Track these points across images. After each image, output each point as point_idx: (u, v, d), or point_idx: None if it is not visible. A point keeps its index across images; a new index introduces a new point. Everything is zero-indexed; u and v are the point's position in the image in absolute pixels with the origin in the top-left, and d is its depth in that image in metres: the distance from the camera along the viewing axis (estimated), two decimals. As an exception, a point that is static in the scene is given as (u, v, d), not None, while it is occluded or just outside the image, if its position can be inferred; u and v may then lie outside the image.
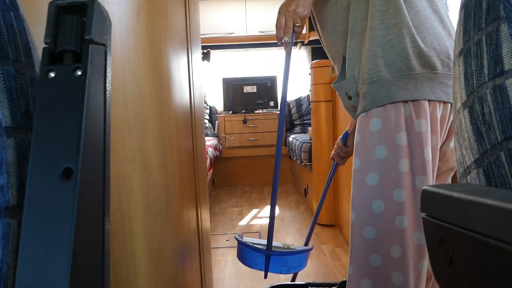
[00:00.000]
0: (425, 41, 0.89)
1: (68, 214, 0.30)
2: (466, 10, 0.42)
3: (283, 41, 0.99)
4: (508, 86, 0.36)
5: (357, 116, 0.95)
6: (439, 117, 0.90)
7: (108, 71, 0.37)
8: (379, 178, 0.89)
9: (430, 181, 0.88)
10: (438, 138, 0.91)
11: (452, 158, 0.97)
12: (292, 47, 1.03)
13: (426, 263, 0.89)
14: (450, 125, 0.94)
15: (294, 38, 1.00)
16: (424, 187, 0.34)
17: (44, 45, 0.34)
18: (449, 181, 1.03)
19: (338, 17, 0.97)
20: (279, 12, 0.98)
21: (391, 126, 0.87)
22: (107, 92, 0.36)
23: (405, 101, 0.87)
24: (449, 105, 0.91)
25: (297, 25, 0.97)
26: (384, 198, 0.88)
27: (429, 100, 0.88)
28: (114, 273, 0.79)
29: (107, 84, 0.36)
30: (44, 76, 0.33)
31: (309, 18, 1.05)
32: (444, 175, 1.01)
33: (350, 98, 0.98)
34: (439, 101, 0.89)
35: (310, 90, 2.89)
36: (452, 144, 0.96)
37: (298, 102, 4.32)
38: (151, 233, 0.84)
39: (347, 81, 0.97)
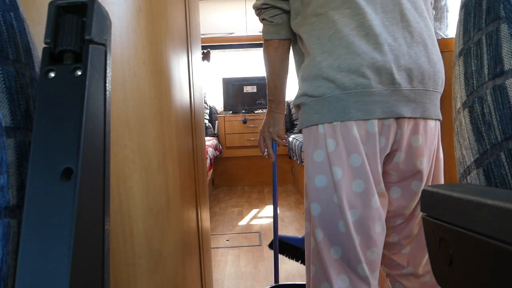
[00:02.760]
0: (333, 65, 0.90)
1: (68, 214, 0.30)
2: (466, 10, 0.42)
3: (265, 155, 1.29)
4: (508, 86, 0.36)
5: None
6: (358, 135, 0.89)
7: (108, 71, 0.37)
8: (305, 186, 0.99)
9: (341, 198, 0.90)
10: (363, 156, 0.89)
11: (406, 167, 0.94)
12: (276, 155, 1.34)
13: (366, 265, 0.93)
14: (395, 138, 0.92)
15: (276, 147, 1.30)
16: (424, 187, 0.34)
17: (44, 45, 0.34)
18: (414, 188, 0.97)
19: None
20: (259, 134, 1.26)
21: (311, 144, 0.95)
22: (107, 92, 0.36)
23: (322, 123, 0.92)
24: (375, 121, 0.89)
25: (276, 139, 1.24)
26: (307, 214, 0.98)
27: (341, 121, 0.90)
28: (114, 273, 0.79)
29: (107, 84, 0.36)
30: (44, 76, 0.33)
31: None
32: (404, 184, 0.97)
33: None
34: (356, 120, 0.89)
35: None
36: (402, 155, 0.93)
37: (298, 102, 4.32)
38: (151, 233, 0.84)
39: None
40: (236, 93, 4.38)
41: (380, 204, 0.93)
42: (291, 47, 1.12)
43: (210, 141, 3.71)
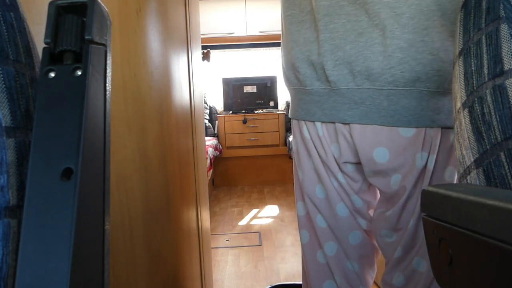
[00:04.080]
0: (284, 55, 0.83)
1: (68, 214, 0.30)
2: (466, 10, 0.42)
3: None
4: (508, 86, 0.36)
5: None
6: (309, 136, 0.79)
7: (108, 71, 0.37)
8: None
9: (308, 200, 0.85)
10: (317, 160, 0.80)
11: (380, 187, 0.76)
12: None
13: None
14: (354, 147, 0.75)
15: None
16: (424, 187, 0.34)
17: (44, 45, 0.34)
18: (388, 213, 0.77)
19: None
20: None
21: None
22: (107, 92, 0.36)
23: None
24: (319, 124, 0.76)
25: None
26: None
27: (294, 119, 0.84)
28: (114, 273, 0.79)
29: (107, 84, 0.36)
30: (44, 76, 0.33)
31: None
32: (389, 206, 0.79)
33: None
34: (305, 120, 0.79)
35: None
36: (370, 172, 0.75)
37: (298, 102, 4.32)
38: (151, 233, 0.84)
39: None
40: (236, 93, 4.38)
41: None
42: None
43: (210, 141, 3.71)
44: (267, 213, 3.23)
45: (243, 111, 4.32)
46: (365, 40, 0.68)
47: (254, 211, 3.32)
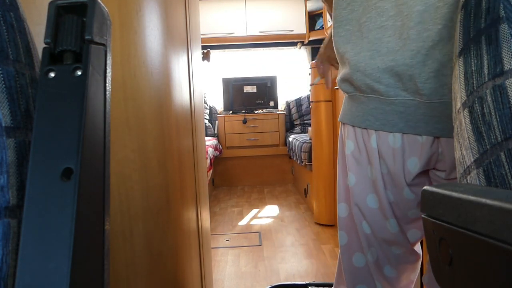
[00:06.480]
0: (352, 60, 0.78)
1: (68, 214, 0.30)
2: (466, 10, 0.42)
3: (315, 81, 1.17)
4: (508, 86, 0.36)
5: None
6: (376, 146, 0.76)
7: (108, 71, 0.37)
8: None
9: (355, 206, 0.82)
10: (377, 171, 0.77)
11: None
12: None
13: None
14: (437, 157, 0.72)
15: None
16: (424, 187, 0.34)
17: (44, 45, 0.34)
18: None
19: None
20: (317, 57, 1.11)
21: (340, 140, 0.88)
22: (107, 92, 0.36)
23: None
24: (399, 135, 0.73)
25: (334, 64, 1.07)
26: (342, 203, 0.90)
27: (359, 127, 0.80)
28: (114, 273, 0.79)
29: (107, 84, 0.36)
30: (44, 76, 0.33)
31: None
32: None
33: None
34: (378, 131, 0.76)
35: (310, 90, 2.89)
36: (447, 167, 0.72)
37: (298, 102, 4.32)
38: (151, 233, 0.84)
39: None
40: (236, 93, 4.38)
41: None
42: None
43: (210, 141, 3.71)
44: (267, 213, 3.23)
45: (243, 111, 4.32)
46: None
47: (254, 211, 3.32)
